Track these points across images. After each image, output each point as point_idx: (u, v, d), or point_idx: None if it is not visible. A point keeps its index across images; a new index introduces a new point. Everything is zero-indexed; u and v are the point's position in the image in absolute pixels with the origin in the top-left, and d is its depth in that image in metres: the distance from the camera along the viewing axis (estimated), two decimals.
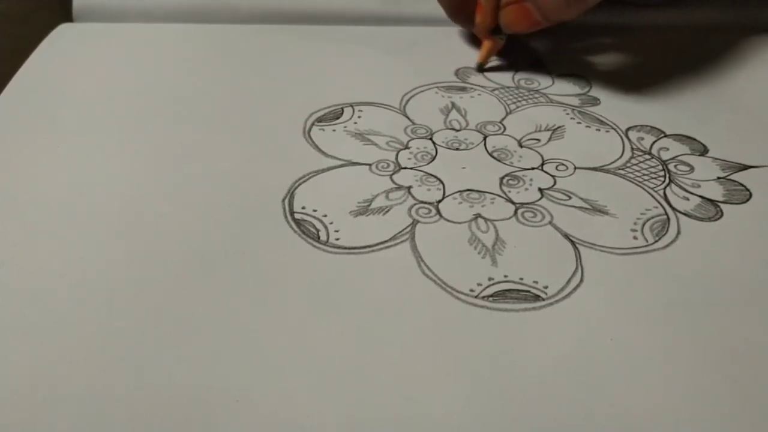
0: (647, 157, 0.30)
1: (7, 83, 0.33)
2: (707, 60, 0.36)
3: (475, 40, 0.37)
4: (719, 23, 0.39)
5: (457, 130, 0.31)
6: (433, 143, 0.31)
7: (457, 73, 0.36)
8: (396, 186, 0.28)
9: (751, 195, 0.28)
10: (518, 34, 0.34)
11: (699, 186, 0.29)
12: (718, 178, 0.29)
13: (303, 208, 0.27)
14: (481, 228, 0.26)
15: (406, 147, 0.30)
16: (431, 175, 0.29)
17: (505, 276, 0.24)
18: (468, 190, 0.28)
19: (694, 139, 0.31)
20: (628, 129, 0.32)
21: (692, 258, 0.25)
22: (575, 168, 0.29)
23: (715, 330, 0.23)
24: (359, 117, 0.32)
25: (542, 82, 0.35)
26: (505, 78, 0.35)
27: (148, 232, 0.26)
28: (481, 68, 0.36)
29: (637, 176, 0.29)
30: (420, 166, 0.29)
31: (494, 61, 0.37)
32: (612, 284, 0.24)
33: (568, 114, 0.33)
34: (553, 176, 0.29)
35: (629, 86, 0.34)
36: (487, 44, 0.35)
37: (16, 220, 0.26)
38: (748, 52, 0.37)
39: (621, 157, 0.30)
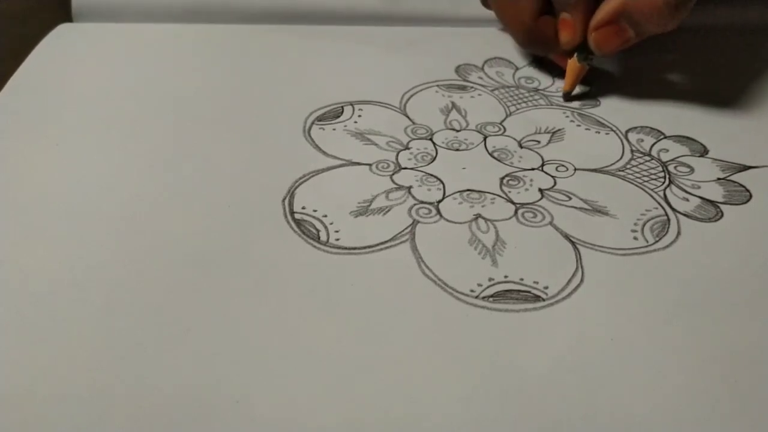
0: (647, 158, 0.30)
1: (6, 83, 0.33)
2: (707, 60, 0.36)
3: (545, 64, 0.36)
4: (719, 23, 0.39)
5: (458, 131, 0.31)
6: (433, 144, 0.31)
7: (457, 70, 0.36)
8: (396, 186, 0.28)
9: (751, 196, 0.28)
10: (607, 56, 0.32)
11: (699, 187, 0.29)
12: (718, 179, 0.29)
13: (303, 208, 0.27)
14: (481, 228, 0.26)
15: (407, 147, 0.30)
16: (431, 175, 0.29)
17: (506, 276, 0.24)
18: (468, 190, 0.28)
19: (694, 140, 0.31)
20: (627, 131, 0.32)
21: (692, 258, 0.25)
22: (575, 169, 0.29)
23: (714, 330, 0.23)
24: (359, 116, 0.32)
25: (543, 81, 0.35)
26: (506, 76, 0.35)
27: (148, 231, 0.25)
28: (568, 97, 0.33)
29: (637, 177, 0.29)
30: (420, 167, 0.29)
31: (579, 89, 0.34)
32: (612, 284, 0.24)
33: (567, 116, 0.33)
34: (553, 177, 0.29)
35: (629, 86, 0.34)
36: (574, 69, 0.33)
37: (15, 219, 0.26)
38: (748, 53, 0.37)
39: (621, 158, 0.30)
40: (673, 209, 0.27)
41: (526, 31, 0.33)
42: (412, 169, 0.29)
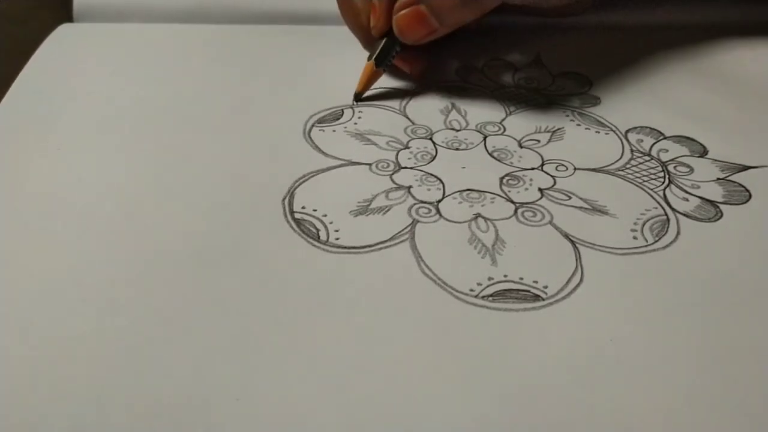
0: (647, 158, 0.30)
1: (7, 83, 0.33)
2: (707, 60, 0.36)
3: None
4: (720, 22, 0.39)
5: (457, 130, 0.31)
6: (433, 143, 0.31)
7: (457, 71, 0.36)
8: (396, 186, 0.28)
9: (750, 196, 0.28)
10: (414, 44, 0.32)
11: (699, 187, 0.29)
12: (718, 179, 0.29)
13: (303, 207, 0.27)
14: (481, 228, 0.26)
15: (406, 147, 0.30)
16: (431, 174, 0.29)
17: (505, 276, 0.24)
18: (468, 189, 0.28)
19: (694, 140, 0.31)
20: (627, 131, 0.32)
21: (692, 258, 0.25)
22: (575, 168, 0.29)
23: (714, 330, 0.23)
24: (359, 118, 0.32)
25: (542, 81, 0.35)
26: (505, 77, 0.35)
27: (149, 231, 0.25)
28: (358, 98, 0.33)
29: (637, 177, 0.29)
30: (420, 166, 0.29)
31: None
32: (612, 284, 0.24)
33: (568, 116, 0.33)
34: (553, 176, 0.29)
35: (629, 86, 0.34)
36: (367, 71, 0.33)
37: (18, 220, 0.26)
38: (748, 52, 0.37)
39: (621, 158, 0.30)
40: (673, 209, 0.27)
41: (363, 27, 0.33)
42: (411, 168, 0.29)
